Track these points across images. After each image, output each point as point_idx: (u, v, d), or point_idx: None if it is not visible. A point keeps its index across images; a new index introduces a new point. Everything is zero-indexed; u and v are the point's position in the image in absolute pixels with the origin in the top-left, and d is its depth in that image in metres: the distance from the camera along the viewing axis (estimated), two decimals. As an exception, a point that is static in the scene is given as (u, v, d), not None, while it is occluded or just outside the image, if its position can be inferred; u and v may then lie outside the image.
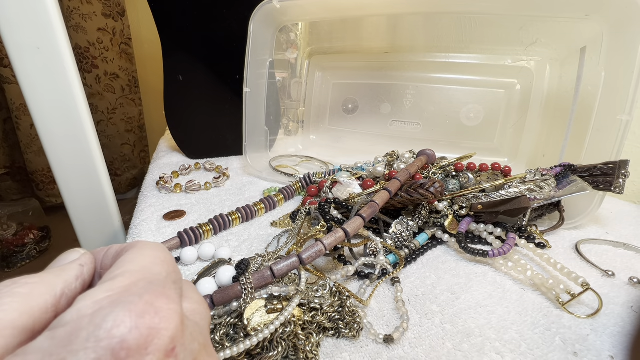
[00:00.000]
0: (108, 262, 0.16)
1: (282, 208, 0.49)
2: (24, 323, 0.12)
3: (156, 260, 0.15)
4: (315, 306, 0.26)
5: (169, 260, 0.16)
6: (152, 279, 0.14)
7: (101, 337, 0.11)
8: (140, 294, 0.12)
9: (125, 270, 0.14)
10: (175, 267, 0.16)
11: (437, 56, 0.61)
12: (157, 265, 0.15)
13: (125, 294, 0.12)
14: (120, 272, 0.14)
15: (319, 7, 0.55)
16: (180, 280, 0.16)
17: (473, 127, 0.60)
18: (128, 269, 0.14)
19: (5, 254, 1.21)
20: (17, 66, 0.36)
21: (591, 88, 0.43)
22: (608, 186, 0.37)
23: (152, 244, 0.16)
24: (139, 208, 0.48)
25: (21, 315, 0.12)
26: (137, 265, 0.14)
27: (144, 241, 0.16)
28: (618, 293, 0.31)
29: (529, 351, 0.25)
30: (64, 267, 0.15)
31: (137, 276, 0.13)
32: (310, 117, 0.73)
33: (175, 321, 0.12)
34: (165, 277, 0.14)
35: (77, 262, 0.16)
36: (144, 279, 0.13)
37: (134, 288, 0.13)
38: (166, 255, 0.16)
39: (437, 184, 0.36)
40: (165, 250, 0.16)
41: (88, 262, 0.16)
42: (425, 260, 0.36)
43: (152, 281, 0.13)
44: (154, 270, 0.14)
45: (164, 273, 0.14)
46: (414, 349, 0.25)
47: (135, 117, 1.60)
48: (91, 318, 0.11)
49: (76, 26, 1.36)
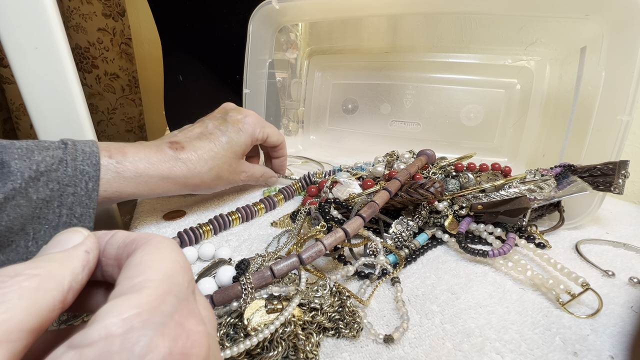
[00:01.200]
0: (113, 251, 0.15)
1: (282, 208, 0.49)
2: (32, 324, 0.11)
3: (176, 266, 0.14)
4: (315, 306, 0.26)
5: (187, 263, 0.15)
6: (178, 291, 0.13)
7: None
8: (170, 313, 0.12)
9: (148, 279, 0.13)
10: (191, 270, 0.15)
11: (437, 56, 0.61)
12: (179, 273, 0.13)
13: (155, 312, 0.11)
14: (143, 281, 0.12)
15: (318, 7, 0.55)
16: (195, 284, 0.15)
17: (473, 127, 0.60)
18: (151, 277, 0.13)
19: (5, 254, 1.20)
20: (15, 66, 0.36)
21: (591, 88, 0.43)
22: (608, 186, 0.37)
23: (167, 243, 0.15)
24: (139, 208, 0.48)
25: (29, 315, 0.11)
26: (160, 272, 0.13)
27: (158, 237, 0.15)
28: (618, 293, 0.31)
29: (529, 351, 0.25)
30: (69, 254, 0.14)
31: (163, 288, 0.12)
32: (310, 117, 0.73)
33: (205, 344, 0.12)
34: (187, 288, 0.13)
35: (82, 248, 0.14)
36: (169, 292, 0.12)
37: (163, 305, 0.12)
38: (183, 258, 0.15)
39: (437, 184, 0.36)
40: (180, 250, 0.15)
41: (93, 248, 0.15)
42: (425, 260, 0.36)
43: (178, 295, 0.13)
44: (177, 279, 0.13)
45: (185, 282, 0.13)
46: (414, 349, 0.25)
47: (135, 117, 1.60)
48: (122, 341, 0.10)
49: (76, 26, 1.36)
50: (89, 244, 0.15)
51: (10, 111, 1.32)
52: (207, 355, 0.12)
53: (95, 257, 0.15)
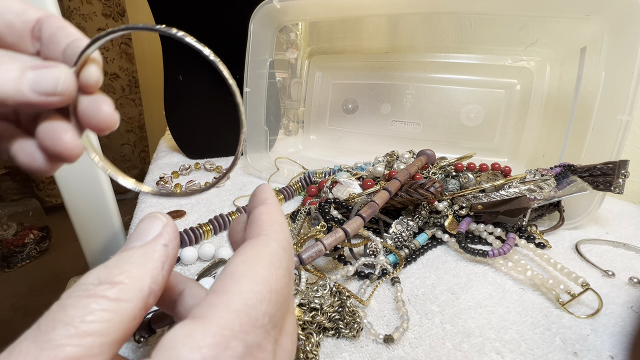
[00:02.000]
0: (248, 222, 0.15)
1: (282, 208, 0.49)
2: (114, 337, 0.11)
3: (265, 290, 0.12)
4: (315, 306, 0.26)
5: (282, 285, 0.13)
6: (249, 332, 0.12)
7: None
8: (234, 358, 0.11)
9: (224, 301, 0.12)
10: (287, 293, 0.13)
11: (437, 56, 0.61)
12: (263, 303, 0.12)
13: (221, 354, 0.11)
14: (218, 304, 0.12)
15: (319, 7, 0.55)
16: (284, 314, 0.14)
17: (473, 127, 0.60)
18: (229, 301, 0.12)
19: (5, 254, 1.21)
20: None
21: (591, 88, 0.43)
22: (608, 186, 0.37)
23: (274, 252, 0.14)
24: (139, 208, 0.48)
25: (111, 328, 0.11)
26: (240, 297, 0.12)
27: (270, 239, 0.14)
28: (618, 293, 0.31)
29: (529, 351, 0.25)
30: (148, 251, 0.13)
31: (233, 325, 0.11)
32: (310, 117, 0.73)
33: None
34: (266, 324, 0.12)
35: (160, 242, 0.13)
36: (239, 333, 0.11)
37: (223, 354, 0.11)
38: (280, 276, 0.13)
39: (437, 184, 0.36)
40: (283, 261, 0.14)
41: (172, 239, 0.14)
42: (425, 260, 0.36)
43: (248, 340, 0.11)
44: (257, 310, 0.12)
45: (267, 317, 0.12)
46: (414, 349, 0.25)
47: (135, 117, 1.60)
48: None
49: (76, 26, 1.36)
50: (166, 235, 0.14)
51: (10, 111, 1.32)
52: None
53: (175, 248, 0.14)
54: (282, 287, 0.13)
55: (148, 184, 0.56)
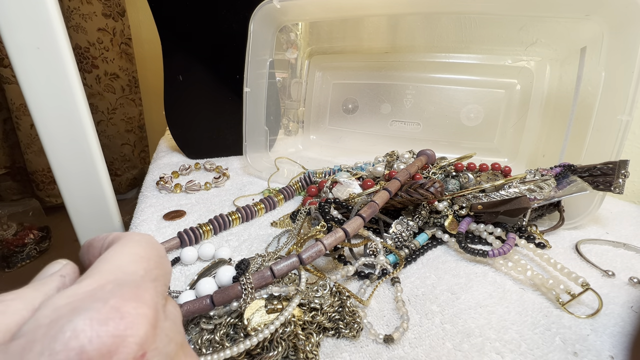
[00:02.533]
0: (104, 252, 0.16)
1: (282, 208, 0.49)
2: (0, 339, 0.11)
3: (134, 257, 0.14)
4: (315, 306, 0.26)
5: (151, 255, 0.15)
6: (124, 279, 0.13)
7: (57, 349, 0.10)
8: (105, 299, 0.11)
9: (97, 271, 0.13)
10: (158, 262, 0.15)
11: (437, 56, 0.61)
12: (133, 263, 0.14)
13: (88, 299, 0.11)
14: (91, 274, 0.13)
15: (319, 7, 0.55)
16: (165, 276, 0.15)
17: (473, 127, 0.60)
18: (100, 269, 0.13)
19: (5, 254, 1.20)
20: (17, 66, 0.36)
21: (591, 88, 0.43)
22: (608, 186, 0.37)
23: (137, 237, 0.15)
24: (139, 208, 0.48)
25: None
26: (112, 264, 0.13)
27: (132, 233, 0.16)
28: (618, 293, 0.31)
29: (529, 351, 0.25)
30: (45, 280, 0.15)
31: (107, 277, 0.13)
32: (310, 117, 0.73)
33: (144, 326, 0.12)
34: (142, 276, 0.13)
35: (58, 274, 0.15)
36: (114, 280, 0.13)
37: (99, 292, 0.12)
38: (148, 250, 0.15)
39: (437, 184, 0.36)
40: (149, 243, 0.15)
41: (70, 272, 0.15)
42: (425, 260, 0.36)
43: (123, 282, 0.13)
44: (129, 269, 0.13)
45: (140, 271, 0.14)
46: (414, 349, 0.25)
47: (135, 117, 1.60)
48: (47, 329, 0.10)
49: (76, 26, 1.36)
50: (64, 270, 0.15)
51: (10, 111, 1.32)
52: (147, 338, 0.12)
53: (72, 280, 0.15)
54: (151, 256, 0.15)
55: (148, 184, 0.56)
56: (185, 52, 0.62)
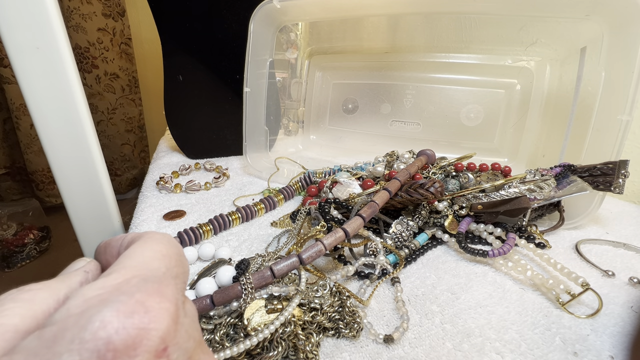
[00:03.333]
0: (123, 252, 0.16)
1: (282, 208, 0.49)
2: (27, 326, 0.12)
3: (156, 255, 0.15)
4: (315, 306, 0.26)
5: (172, 253, 0.15)
6: (148, 275, 0.13)
7: (86, 338, 0.11)
8: (131, 293, 0.12)
9: (122, 266, 0.14)
10: (178, 260, 0.16)
11: (437, 56, 0.61)
12: (156, 260, 0.14)
13: (116, 292, 0.12)
14: (117, 269, 0.14)
15: (319, 7, 0.55)
16: (185, 275, 0.16)
17: (473, 127, 0.60)
18: (125, 264, 0.14)
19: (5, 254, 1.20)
20: (17, 66, 0.36)
21: (591, 88, 0.43)
22: (608, 186, 0.37)
23: (158, 236, 0.16)
24: (139, 208, 0.48)
25: (23, 319, 0.12)
26: (136, 260, 0.14)
27: (152, 232, 0.16)
28: (618, 293, 0.31)
29: (529, 351, 0.25)
30: (69, 274, 0.15)
31: (132, 272, 0.13)
32: (310, 117, 0.73)
33: (166, 320, 0.12)
34: (164, 273, 0.14)
35: (82, 269, 0.16)
36: (138, 275, 0.13)
37: (125, 286, 0.12)
38: (169, 248, 0.15)
39: (437, 184, 0.36)
40: (170, 242, 0.16)
41: (93, 269, 0.16)
42: (425, 260, 0.36)
43: (147, 278, 0.13)
44: (152, 265, 0.14)
45: (162, 268, 0.14)
46: (414, 349, 0.25)
47: (135, 117, 1.60)
48: (77, 318, 0.11)
49: (76, 26, 1.36)
50: (88, 266, 0.17)
51: (10, 111, 1.32)
52: (169, 332, 0.12)
53: (95, 276, 0.16)
54: (173, 253, 0.15)
55: (148, 184, 0.56)
56: (185, 52, 0.62)
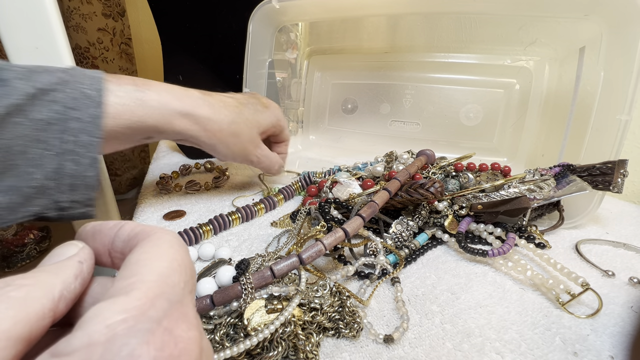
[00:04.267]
0: (119, 245, 0.15)
1: (282, 208, 0.49)
2: (19, 332, 0.11)
3: (174, 264, 0.13)
4: (315, 306, 0.26)
5: (187, 261, 0.14)
6: (170, 293, 0.12)
7: None
8: (159, 319, 0.11)
9: (140, 280, 0.12)
10: (191, 269, 0.14)
11: (436, 56, 0.61)
12: (175, 273, 0.13)
13: (141, 318, 0.11)
14: (134, 282, 0.12)
15: (318, 7, 0.55)
16: (194, 284, 0.15)
17: (472, 127, 0.60)
18: (143, 278, 0.12)
19: (5, 254, 1.20)
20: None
21: (590, 88, 0.43)
22: (607, 185, 0.37)
23: (169, 238, 0.15)
24: (139, 208, 0.48)
25: (16, 324, 0.11)
26: (154, 272, 0.13)
27: (160, 232, 0.15)
28: (618, 293, 0.31)
29: (529, 351, 0.25)
30: (61, 265, 0.14)
31: (154, 290, 0.12)
32: (310, 117, 0.73)
33: (195, 352, 0.12)
34: (182, 289, 0.13)
35: (75, 259, 0.14)
36: (161, 294, 0.12)
37: (151, 310, 0.11)
38: (183, 255, 0.14)
39: (437, 184, 0.36)
40: (182, 245, 0.15)
41: (87, 258, 0.15)
42: (425, 260, 0.36)
43: (171, 298, 0.12)
44: (171, 280, 0.13)
45: (181, 283, 0.13)
46: (414, 349, 0.25)
47: (134, 117, 1.59)
48: (104, 350, 0.10)
49: (76, 26, 1.36)
50: (82, 254, 0.15)
51: (9, 111, 1.32)
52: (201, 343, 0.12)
53: (90, 267, 0.15)
54: (187, 264, 0.14)
55: (148, 183, 0.56)
56: (185, 52, 0.62)
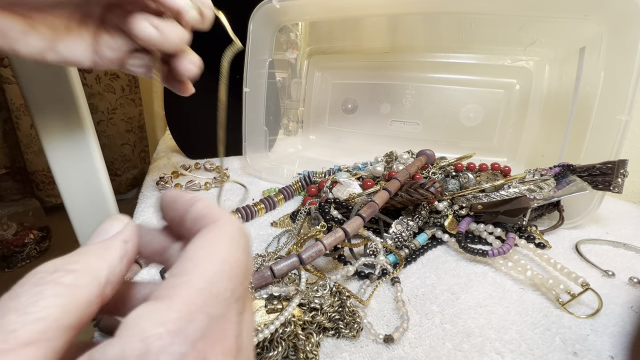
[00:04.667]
0: (189, 222, 0.14)
1: (282, 208, 0.49)
2: (69, 321, 0.11)
3: (225, 267, 0.13)
4: (315, 306, 0.26)
5: (241, 261, 0.13)
6: (214, 306, 0.12)
7: None
8: (193, 341, 0.11)
9: (186, 283, 0.12)
10: (246, 268, 0.14)
11: (436, 56, 0.61)
12: (224, 279, 0.12)
13: (178, 336, 0.11)
14: (180, 286, 0.12)
15: (318, 7, 0.55)
16: (247, 289, 0.14)
17: (472, 127, 0.60)
18: (191, 281, 0.12)
19: (5, 254, 1.20)
20: (17, 66, 0.36)
21: (590, 88, 0.43)
22: (607, 186, 0.37)
23: (230, 231, 0.14)
24: (139, 208, 0.48)
25: (66, 312, 0.11)
26: (201, 278, 0.12)
27: (225, 221, 0.14)
28: (618, 293, 0.31)
29: (529, 351, 0.25)
30: (107, 245, 0.13)
31: (197, 301, 0.11)
32: (310, 117, 0.73)
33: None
34: (227, 298, 0.12)
35: (120, 238, 0.14)
36: (203, 307, 0.11)
37: (189, 327, 0.11)
38: (240, 255, 0.13)
39: (437, 184, 0.36)
40: (242, 241, 0.14)
41: (132, 237, 0.14)
42: (425, 260, 0.36)
43: (212, 312, 0.12)
44: (219, 287, 0.12)
45: (228, 292, 0.12)
46: (414, 349, 0.25)
47: (135, 117, 1.59)
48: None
49: (76, 26, 1.36)
50: (127, 232, 0.14)
51: (10, 111, 1.31)
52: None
53: (134, 246, 0.14)
54: (242, 264, 0.13)
55: (148, 184, 0.56)
56: (185, 52, 0.62)
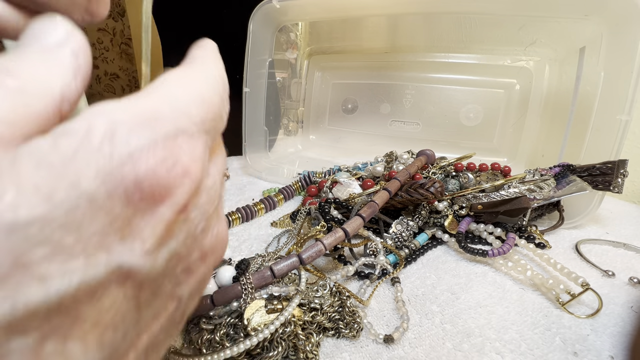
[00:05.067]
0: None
1: (282, 208, 0.49)
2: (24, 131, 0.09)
3: (197, 99, 0.12)
4: (315, 306, 0.26)
5: (216, 105, 0.12)
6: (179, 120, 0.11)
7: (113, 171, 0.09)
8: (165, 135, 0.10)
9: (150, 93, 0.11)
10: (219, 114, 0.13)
11: (436, 56, 0.61)
12: (196, 106, 0.11)
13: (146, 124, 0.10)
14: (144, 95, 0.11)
15: (318, 7, 0.55)
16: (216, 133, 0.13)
17: (472, 127, 0.60)
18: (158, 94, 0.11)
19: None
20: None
21: (590, 88, 0.43)
22: (607, 186, 0.37)
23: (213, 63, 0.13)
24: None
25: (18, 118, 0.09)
26: (171, 94, 0.11)
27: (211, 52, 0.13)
28: (618, 293, 0.31)
29: (529, 351, 0.25)
30: (52, 56, 0.10)
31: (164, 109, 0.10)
32: (310, 117, 0.73)
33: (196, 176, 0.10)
34: (198, 123, 0.11)
35: (67, 49, 0.11)
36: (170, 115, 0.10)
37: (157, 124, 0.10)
38: (215, 93, 0.12)
39: (437, 184, 0.36)
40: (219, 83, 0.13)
41: (83, 48, 0.11)
42: (425, 260, 0.36)
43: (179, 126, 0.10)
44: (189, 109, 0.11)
45: (198, 117, 0.11)
46: (414, 349, 0.25)
47: (134, 117, 1.60)
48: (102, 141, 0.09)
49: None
50: (74, 43, 0.11)
51: (9, 111, 1.32)
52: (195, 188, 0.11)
53: (87, 62, 0.11)
54: (216, 106, 0.12)
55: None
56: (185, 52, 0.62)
